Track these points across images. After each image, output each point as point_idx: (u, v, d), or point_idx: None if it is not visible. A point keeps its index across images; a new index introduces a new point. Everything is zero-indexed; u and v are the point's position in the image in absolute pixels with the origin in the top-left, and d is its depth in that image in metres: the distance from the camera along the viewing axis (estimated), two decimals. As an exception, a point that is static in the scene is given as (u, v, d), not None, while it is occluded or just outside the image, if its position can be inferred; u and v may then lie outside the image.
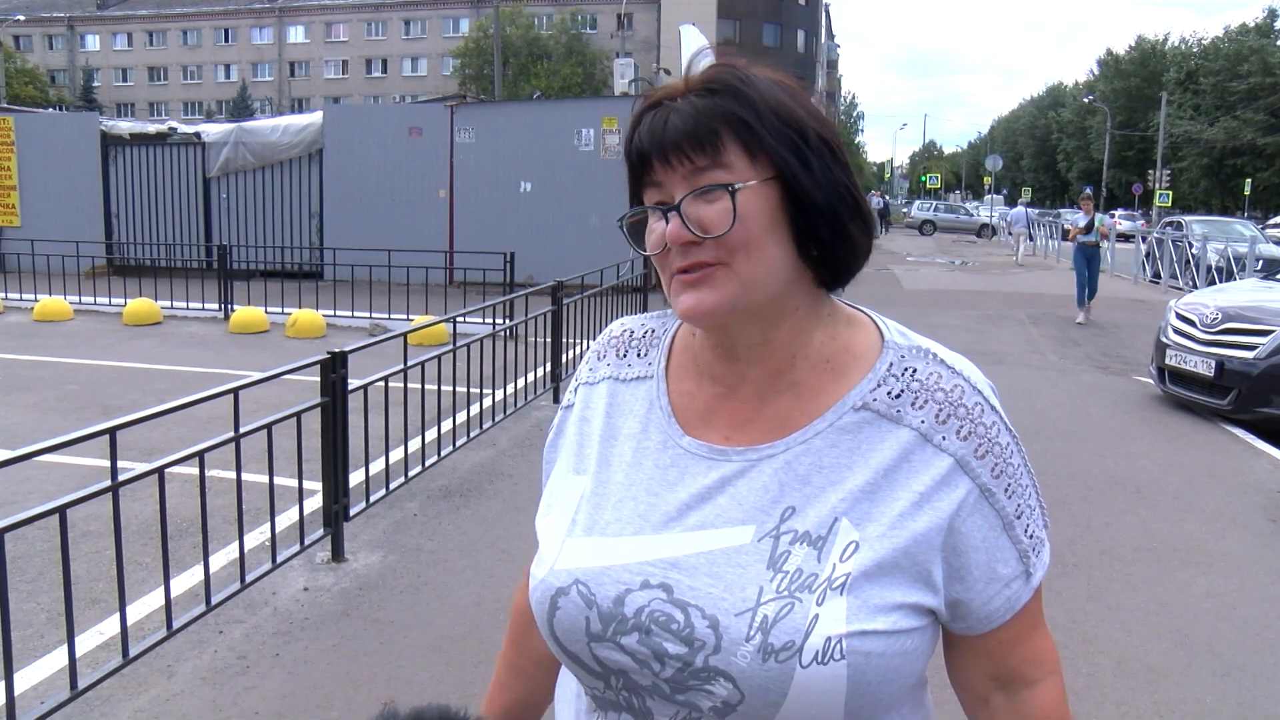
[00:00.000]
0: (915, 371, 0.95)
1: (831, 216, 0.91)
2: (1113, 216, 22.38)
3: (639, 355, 1.07)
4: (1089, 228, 13.17)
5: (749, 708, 0.87)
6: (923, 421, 0.92)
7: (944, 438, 0.92)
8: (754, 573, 0.89)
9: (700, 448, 0.97)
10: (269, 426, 3.86)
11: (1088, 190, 13.99)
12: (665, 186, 0.91)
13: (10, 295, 12.36)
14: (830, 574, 0.88)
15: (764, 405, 0.97)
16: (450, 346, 5.60)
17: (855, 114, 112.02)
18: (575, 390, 1.12)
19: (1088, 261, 13.13)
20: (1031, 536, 0.96)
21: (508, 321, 6.99)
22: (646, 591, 0.91)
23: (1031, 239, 27.46)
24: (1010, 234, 28.64)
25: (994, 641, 0.97)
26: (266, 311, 11.02)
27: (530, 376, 7.14)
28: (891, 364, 0.95)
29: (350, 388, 4.34)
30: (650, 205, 0.93)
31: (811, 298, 0.96)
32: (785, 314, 0.94)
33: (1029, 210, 29.38)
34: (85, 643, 3.45)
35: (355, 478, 4.56)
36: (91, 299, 12.02)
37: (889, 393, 0.94)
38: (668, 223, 0.90)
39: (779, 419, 0.96)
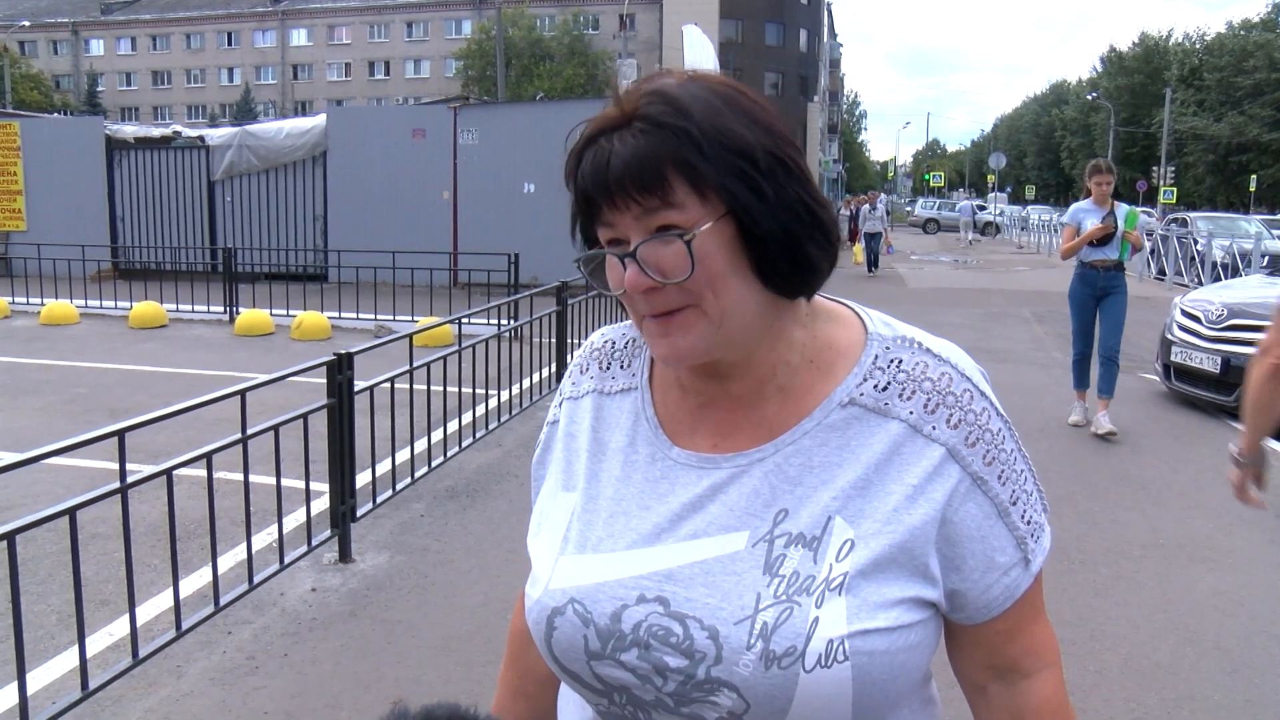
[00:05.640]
0: (901, 362, 0.93)
1: (789, 244, 0.87)
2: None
3: (622, 366, 1.05)
4: (1106, 238, 6.62)
5: (755, 716, 0.86)
6: (911, 412, 0.91)
7: (934, 427, 0.90)
8: (750, 579, 0.88)
9: (689, 457, 0.96)
10: (276, 428, 3.88)
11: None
12: (617, 226, 0.87)
13: (17, 299, 12.40)
14: (827, 575, 0.87)
15: (750, 411, 0.95)
16: (455, 348, 5.61)
17: (858, 113, 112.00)
18: (560, 405, 1.09)
19: (1098, 303, 6.85)
20: (1029, 522, 0.94)
21: (512, 322, 7.00)
22: (643, 606, 0.90)
23: (976, 228, 35.61)
24: (960, 225, 35.89)
25: (992, 631, 0.95)
26: (272, 314, 11.05)
27: (535, 377, 7.16)
28: (876, 356, 0.94)
29: (356, 389, 4.36)
30: (606, 248, 0.89)
31: (786, 307, 0.93)
32: (762, 333, 0.92)
33: (973, 203, 39.45)
34: (95, 644, 3.46)
35: (362, 479, 4.57)
36: (97, 302, 12.07)
37: (875, 386, 0.92)
38: (626, 268, 0.87)
39: (766, 423, 0.94)
